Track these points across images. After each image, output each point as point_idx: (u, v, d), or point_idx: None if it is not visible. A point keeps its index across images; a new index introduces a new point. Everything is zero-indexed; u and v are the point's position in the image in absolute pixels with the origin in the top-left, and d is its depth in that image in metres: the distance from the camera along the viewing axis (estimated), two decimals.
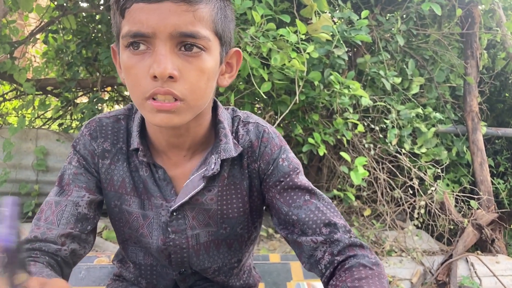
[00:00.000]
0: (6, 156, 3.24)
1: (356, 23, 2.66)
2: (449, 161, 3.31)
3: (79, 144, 0.93)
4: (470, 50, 3.42)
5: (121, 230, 0.97)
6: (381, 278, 0.78)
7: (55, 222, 0.85)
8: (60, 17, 3.56)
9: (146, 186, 0.91)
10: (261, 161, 0.92)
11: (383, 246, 2.93)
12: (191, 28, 0.73)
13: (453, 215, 2.97)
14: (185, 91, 0.76)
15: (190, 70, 0.75)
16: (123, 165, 0.92)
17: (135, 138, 0.89)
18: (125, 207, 0.93)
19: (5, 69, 3.22)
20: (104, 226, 3.15)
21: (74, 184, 0.89)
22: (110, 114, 0.96)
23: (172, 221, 0.91)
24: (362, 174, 2.65)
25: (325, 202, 0.89)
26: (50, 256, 0.83)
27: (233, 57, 0.88)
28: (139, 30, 0.73)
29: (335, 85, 2.58)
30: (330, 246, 0.84)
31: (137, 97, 0.77)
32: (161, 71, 0.72)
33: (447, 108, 3.49)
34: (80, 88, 3.91)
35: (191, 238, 0.93)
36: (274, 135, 0.94)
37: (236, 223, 0.95)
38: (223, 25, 0.80)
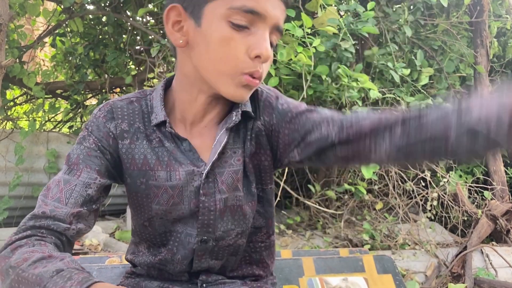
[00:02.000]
0: (18, 160, 3.27)
1: (363, 15, 2.63)
2: None
3: (92, 126, 0.93)
4: (479, 39, 3.37)
5: (148, 208, 0.97)
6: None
7: (63, 201, 0.85)
8: (67, 20, 3.59)
9: (175, 156, 0.93)
10: (264, 115, 0.95)
11: (396, 240, 2.91)
12: (282, 25, 0.85)
13: (467, 206, 2.93)
14: (265, 72, 0.86)
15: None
16: (143, 143, 0.94)
17: (160, 112, 0.92)
18: (152, 182, 0.94)
19: (14, 73, 3.25)
20: (117, 226, 3.17)
21: (85, 165, 0.89)
22: (122, 98, 0.97)
23: (204, 184, 0.93)
24: (372, 168, 2.63)
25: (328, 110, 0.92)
26: (56, 236, 0.83)
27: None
28: (255, 8, 0.79)
29: (343, 78, 2.56)
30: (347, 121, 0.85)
31: (231, 69, 0.82)
32: (267, 54, 0.81)
33: (458, 98, 3.45)
34: (89, 90, 3.94)
35: (219, 201, 0.95)
36: (268, 90, 0.98)
37: (248, 182, 0.98)
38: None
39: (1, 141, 3.33)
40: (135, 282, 1.09)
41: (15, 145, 3.29)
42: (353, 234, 3.03)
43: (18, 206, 3.34)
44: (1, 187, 3.30)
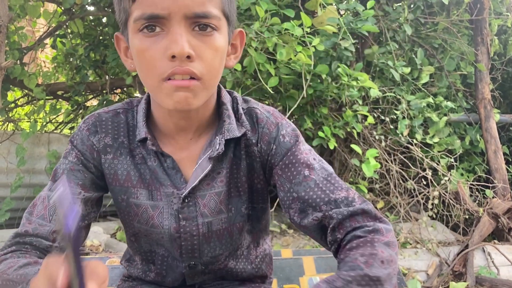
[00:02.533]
0: (20, 162, 3.27)
1: (362, 14, 2.62)
2: (462, 150, 3.26)
3: (77, 139, 0.92)
4: (480, 36, 3.37)
5: (131, 224, 0.96)
6: (373, 243, 0.76)
7: (47, 217, 0.85)
8: (67, 21, 3.59)
9: (156, 176, 0.91)
10: (261, 143, 0.92)
11: (397, 238, 2.90)
12: (203, 9, 0.75)
13: (468, 205, 2.92)
14: (202, 69, 0.77)
15: (205, 49, 0.77)
16: (126, 159, 0.92)
17: (142, 128, 0.89)
18: (133, 200, 0.93)
19: (15, 75, 3.25)
20: (118, 227, 3.17)
21: (68, 181, 0.88)
22: (109, 108, 0.95)
23: (184, 208, 0.91)
24: (373, 166, 2.62)
25: (326, 174, 0.86)
26: (40, 251, 0.83)
27: (237, 38, 0.90)
28: (154, 12, 0.74)
29: (343, 77, 2.56)
30: (329, 223, 0.82)
31: (153, 79, 0.78)
32: (180, 50, 0.74)
33: (459, 96, 3.44)
34: (89, 91, 3.94)
35: (201, 226, 0.93)
36: (268, 114, 0.93)
37: (240, 202, 0.95)
38: (230, 5, 0.83)
39: (3, 142, 3.33)
40: (131, 286, 1.09)
41: (16, 147, 3.29)
42: None
43: (19, 208, 3.35)
44: (3, 189, 3.31)
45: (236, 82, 2.67)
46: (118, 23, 0.84)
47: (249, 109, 0.94)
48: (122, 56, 0.88)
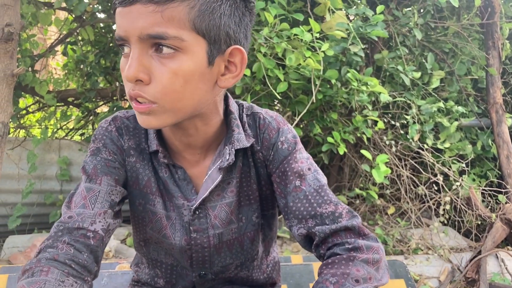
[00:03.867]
0: (31, 168, 3.30)
1: (372, 19, 2.62)
2: (474, 155, 3.23)
3: (105, 139, 0.92)
4: (491, 40, 3.34)
5: (143, 230, 0.96)
6: (349, 262, 0.77)
7: (89, 206, 0.84)
8: (78, 28, 3.62)
9: (167, 187, 0.92)
10: (262, 149, 0.92)
11: (408, 244, 2.88)
12: (157, 29, 0.72)
13: (480, 210, 2.89)
14: (157, 94, 0.74)
15: (162, 72, 0.74)
16: (148, 165, 0.92)
17: (153, 140, 0.90)
18: (150, 206, 0.93)
19: (27, 82, 3.29)
20: (128, 233, 3.18)
21: (104, 174, 0.88)
22: (129, 114, 0.95)
23: (194, 220, 0.91)
24: (384, 172, 2.61)
25: (316, 186, 0.87)
26: (81, 242, 0.80)
27: (236, 55, 0.81)
28: (118, 33, 0.75)
29: (353, 82, 2.55)
30: (314, 239, 0.84)
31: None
32: (128, 75, 0.73)
33: (470, 101, 3.42)
34: (100, 98, 3.97)
35: (212, 237, 0.93)
36: (271, 119, 0.93)
37: (250, 211, 0.95)
38: (209, 22, 0.74)
39: (14, 149, 3.36)
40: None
41: (27, 153, 3.32)
42: None
43: (30, 213, 3.37)
44: (14, 195, 3.33)
45: (245, 88, 2.67)
46: None
47: (252, 114, 0.94)
48: None
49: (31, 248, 2.82)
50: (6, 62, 1.99)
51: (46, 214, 3.43)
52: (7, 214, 3.26)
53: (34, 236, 3.10)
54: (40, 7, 3.38)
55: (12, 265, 1.92)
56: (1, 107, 1.99)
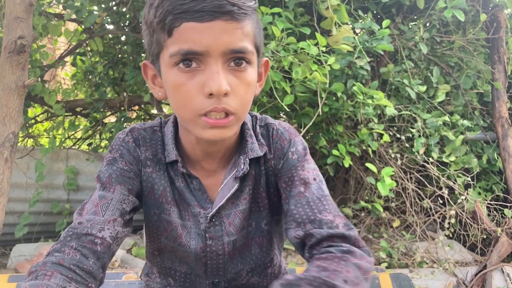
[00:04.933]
0: (38, 177, 3.33)
1: (378, 33, 2.64)
2: (479, 169, 3.23)
3: (122, 150, 0.94)
4: (497, 55, 3.36)
5: (158, 239, 0.98)
6: (341, 261, 0.77)
7: (100, 213, 0.86)
8: (87, 39, 3.67)
9: (183, 196, 0.94)
10: (274, 158, 0.95)
11: (413, 258, 2.87)
12: (240, 45, 0.77)
13: (486, 224, 2.88)
14: (236, 105, 0.79)
15: (239, 84, 0.79)
16: (163, 175, 0.95)
17: (172, 151, 0.93)
18: (165, 216, 0.95)
19: (36, 92, 3.33)
20: (134, 243, 3.19)
21: (118, 183, 0.90)
22: (145, 126, 0.98)
23: (210, 227, 0.94)
24: (389, 185, 2.61)
25: (319, 195, 0.89)
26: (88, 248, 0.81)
27: (262, 66, 0.92)
28: (192, 48, 0.76)
29: (359, 95, 2.57)
30: (310, 240, 0.85)
31: (189, 114, 0.80)
32: (218, 89, 0.76)
33: (475, 115, 3.42)
34: (108, 108, 4.01)
35: (227, 245, 0.95)
36: (283, 130, 0.96)
37: (260, 217, 0.97)
38: (260, 38, 0.85)
39: (23, 158, 3.40)
40: None
41: (35, 162, 3.36)
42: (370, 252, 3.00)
43: (37, 222, 3.40)
44: (22, 203, 3.36)
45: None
46: (148, 53, 0.86)
47: (266, 125, 0.98)
48: (150, 83, 0.90)
49: (37, 256, 2.84)
50: (18, 74, 2.03)
51: (52, 223, 3.46)
52: (14, 223, 3.28)
53: (41, 244, 3.13)
54: (51, 18, 3.44)
55: (20, 274, 1.94)
56: (12, 118, 2.02)
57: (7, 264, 2.93)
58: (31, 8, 2.11)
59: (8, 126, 2.02)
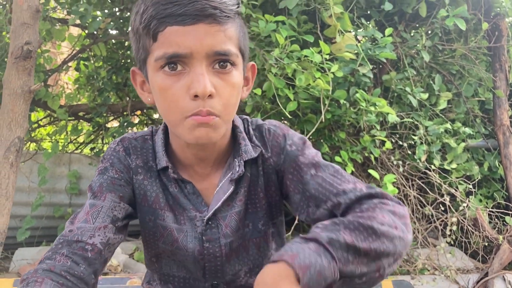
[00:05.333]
0: (41, 181, 3.34)
1: (380, 41, 2.66)
2: (481, 176, 3.24)
3: (113, 159, 0.97)
4: (498, 63, 3.38)
5: (155, 245, 0.99)
6: (375, 209, 0.78)
7: (90, 221, 0.88)
8: (91, 45, 3.69)
9: (178, 201, 0.95)
10: (272, 156, 0.96)
11: (415, 265, 2.88)
12: (223, 47, 0.80)
13: (487, 232, 2.89)
14: (221, 107, 0.82)
15: (224, 86, 0.82)
16: (155, 182, 0.96)
17: (162, 157, 0.94)
18: (160, 221, 0.96)
19: (39, 96, 3.35)
20: (136, 247, 3.20)
21: (109, 191, 0.92)
22: (136, 135, 1.01)
23: (207, 230, 0.95)
24: (391, 192, 2.62)
25: (332, 171, 0.90)
26: (80, 255, 0.83)
27: (249, 71, 0.96)
28: (176, 51, 0.78)
29: (361, 102, 2.58)
30: (339, 209, 0.85)
31: (176, 116, 0.82)
32: (203, 90, 0.78)
33: (477, 122, 3.44)
34: (111, 113, 4.02)
35: (224, 246, 0.96)
36: (275, 128, 0.99)
37: (256, 218, 0.98)
38: (244, 42, 0.88)
39: (25, 162, 3.41)
40: None
41: (38, 166, 3.37)
42: None
43: (39, 226, 3.40)
44: (24, 207, 3.37)
45: (255, 106, 2.71)
46: (136, 60, 0.89)
47: (257, 126, 1.00)
48: (138, 89, 0.93)
49: (40, 260, 2.84)
50: (24, 79, 2.05)
51: (54, 227, 3.46)
52: (16, 226, 3.29)
53: (43, 249, 3.13)
54: (55, 23, 3.46)
55: None
56: (18, 123, 2.04)
57: (10, 268, 2.94)
58: (37, 15, 2.13)
59: (14, 131, 2.03)
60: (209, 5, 0.78)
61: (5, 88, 2.07)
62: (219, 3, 0.79)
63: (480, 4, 3.17)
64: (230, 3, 0.82)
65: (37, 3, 2.14)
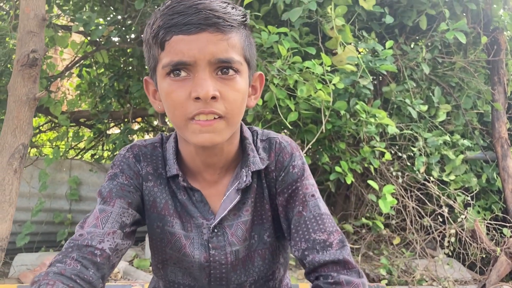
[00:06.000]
0: (42, 186, 3.35)
1: (381, 53, 2.70)
2: (479, 188, 3.27)
3: (123, 165, 0.99)
4: (497, 76, 3.41)
5: (163, 251, 1.01)
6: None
7: (100, 226, 0.90)
8: (93, 52, 3.72)
9: (186, 209, 0.98)
10: (275, 170, 0.99)
11: (413, 275, 2.89)
12: (226, 55, 0.83)
13: (485, 244, 2.91)
14: (225, 108, 0.85)
15: (228, 90, 0.85)
16: (165, 189, 0.99)
17: (173, 165, 0.97)
18: (168, 228, 0.98)
19: (42, 102, 3.36)
20: (135, 254, 3.21)
21: (118, 197, 0.94)
22: (146, 142, 1.03)
23: (213, 237, 0.97)
24: (390, 202, 2.65)
25: (316, 214, 0.94)
26: (89, 260, 0.85)
27: (257, 80, 0.99)
28: (181, 59, 0.82)
29: (361, 114, 2.61)
30: (305, 265, 0.92)
31: (180, 118, 0.86)
32: (205, 93, 0.81)
33: (475, 134, 3.47)
34: (112, 120, 4.05)
35: (230, 254, 0.98)
36: (286, 144, 1.01)
37: (262, 230, 1.01)
38: (250, 51, 0.91)
39: (26, 167, 3.42)
40: None
41: (39, 172, 3.38)
42: (370, 268, 3.02)
43: (39, 232, 3.41)
44: (24, 212, 3.38)
45: (256, 116, 2.74)
46: (148, 69, 0.93)
47: (269, 139, 1.02)
48: (151, 98, 0.97)
49: (40, 266, 2.85)
50: (30, 86, 2.07)
51: (54, 232, 3.47)
52: (15, 232, 3.29)
53: (43, 254, 3.14)
54: (58, 29, 3.49)
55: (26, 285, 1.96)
56: (22, 129, 2.06)
57: (9, 273, 2.94)
58: (44, 23, 2.16)
59: (18, 138, 2.05)
60: (213, 15, 0.82)
61: (11, 95, 2.09)
62: (223, 13, 0.83)
63: (479, 17, 3.22)
64: (235, 13, 0.85)
65: (43, 12, 2.17)
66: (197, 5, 0.81)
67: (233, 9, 0.86)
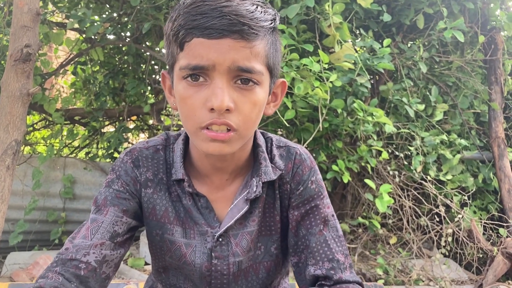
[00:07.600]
0: (35, 185, 3.31)
1: (379, 52, 2.68)
2: (475, 188, 3.26)
3: (120, 171, 0.95)
4: (493, 76, 3.41)
5: (162, 258, 0.98)
6: None
7: (89, 237, 0.87)
8: (88, 49, 3.69)
9: (190, 215, 0.94)
10: (292, 182, 0.96)
11: (410, 275, 2.88)
12: (247, 64, 0.78)
13: (482, 243, 2.90)
14: (239, 122, 0.80)
15: (244, 102, 0.80)
16: (165, 195, 0.95)
17: (179, 169, 0.93)
18: (167, 236, 0.95)
19: (36, 99, 3.33)
20: (129, 253, 3.18)
21: (112, 205, 0.91)
22: (149, 144, 0.99)
23: (216, 246, 0.94)
24: (387, 202, 2.63)
25: (335, 235, 0.93)
26: (71, 273, 0.83)
27: (279, 87, 0.93)
28: (199, 63, 0.78)
29: (359, 112, 2.59)
30: (325, 280, 0.90)
31: (192, 126, 0.82)
32: (219, 104, 0.77)
33: (472, 134, 3.46)
34: (107, 118, 4.01)
35: (232, 265, 0.95)
36: (306, 156, 0.98)
37: (270, 241, 0.97)
38: (274, 59, 0.85)
39: (20, 165, 3.38)
40: None
41: (33, 170, 3.34)
42: (366, 268, 3.01)
43: (32, 230, 3.37)
44: (17, 211, 3.34)
45: None
46: (167, 64, 0.89)
47: (288, 147, 0.98)
48: (167, 93, 0.92)
49: (33, 265, 2.81)
50: (23, 82, 2.04)
51: (47, 231, 3.43)
52: (8, 230, 3.26)
53: (36, 253, 3.10)
54: (52, 26, 3.45)
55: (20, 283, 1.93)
56: (15, 125, 2.02)
57: (1, 272, 2.91)
58: (38, 18, 2.13)
59: (11, 134, 2.02)
60: (238, 20, 0.76)
61: (3, 90, 2.06)
62: (249, 19, 0.77)
63: (476, 17, 3.21)
64: (263, 18, 0.80)
65: (37, 6, 2.13)
66: (222, 8, 0.76)
67: (262, 12, 0.80)
